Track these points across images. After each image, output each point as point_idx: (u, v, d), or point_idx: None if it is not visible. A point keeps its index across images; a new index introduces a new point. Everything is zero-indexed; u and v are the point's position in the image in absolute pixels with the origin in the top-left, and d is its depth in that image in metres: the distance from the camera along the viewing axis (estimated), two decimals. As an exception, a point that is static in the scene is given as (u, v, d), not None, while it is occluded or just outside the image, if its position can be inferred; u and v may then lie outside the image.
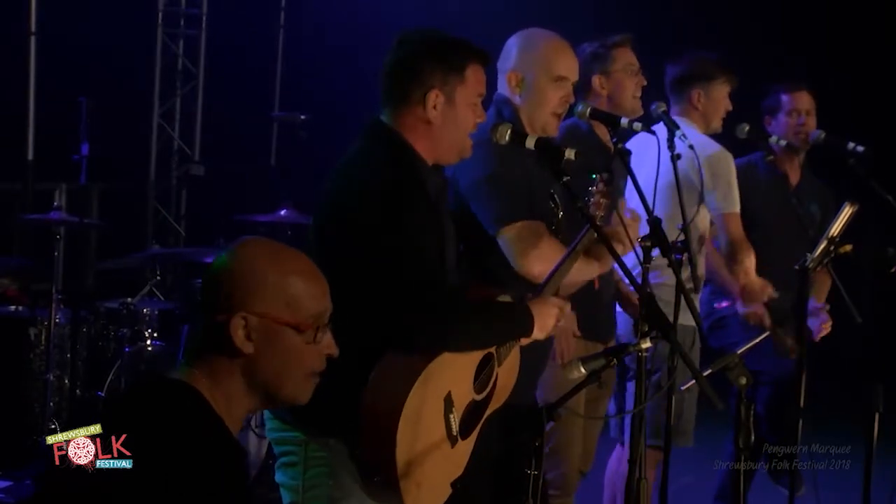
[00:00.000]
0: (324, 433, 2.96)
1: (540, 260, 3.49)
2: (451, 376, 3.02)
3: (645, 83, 4.42)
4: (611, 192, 3.46)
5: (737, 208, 4.79)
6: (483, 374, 3.15)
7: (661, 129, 4.19)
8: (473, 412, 3.13)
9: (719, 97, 4.86)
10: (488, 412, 3.21)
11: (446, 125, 3.10)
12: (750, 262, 4.83)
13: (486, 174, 3.56)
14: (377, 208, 2.95)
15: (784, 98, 5.24)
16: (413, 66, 3.09)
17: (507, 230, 3.55)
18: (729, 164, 4.76)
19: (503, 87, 3.80)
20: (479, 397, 3.15)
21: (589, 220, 3.24)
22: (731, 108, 4.90)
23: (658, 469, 4.08)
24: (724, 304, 4.64)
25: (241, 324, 2.14)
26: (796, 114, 5.21)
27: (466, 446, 3.12)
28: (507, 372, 3.26)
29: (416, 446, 2.91)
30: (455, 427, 3.05)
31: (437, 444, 2.98)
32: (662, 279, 4.42)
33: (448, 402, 3.01)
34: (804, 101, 5.24)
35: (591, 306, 4.14)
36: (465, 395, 3.09)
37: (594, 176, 3.45)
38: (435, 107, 3.07)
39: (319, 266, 2.28)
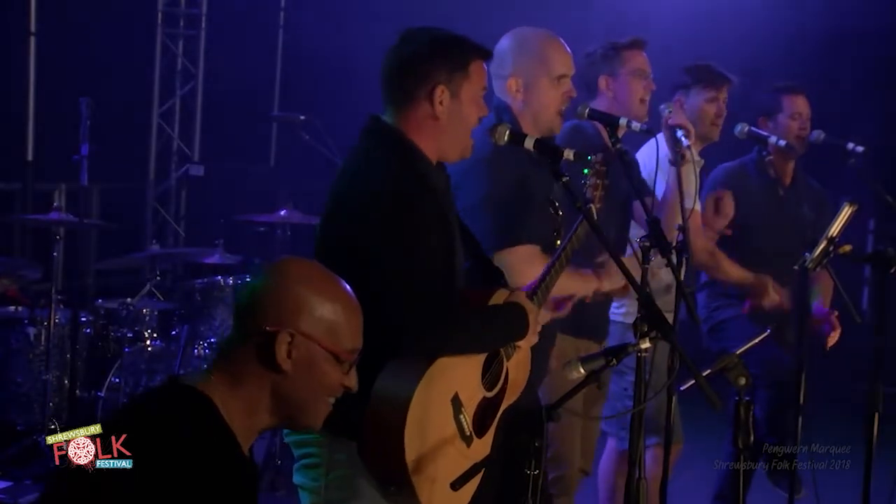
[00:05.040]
0: (344, 436, 2.93)
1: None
2: (456, 377, 3.01)
3: (654, 88, 4.39)
4: (608, 173, 3.43)
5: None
6: (491, 370, 3.14)
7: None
8: (487, 409, 3.13)
9: (699, 103, 4.80)
10: (503, 407, 3.20)
11: (452, 121, 3.10)
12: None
13: (480, 196, 3.54)
14: (381, 215, 2.93)
15: (785, 101, 5.20)
16: (418, 64, 3.08)
17: (501, 255, 3.54)
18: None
19: (501, 93, 3.78)
20: (490, 394, 3.14)
21: (585, 214, 3.19)
22: (723, 113, 4.85)
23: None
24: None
25: (286, 339, 2.17)
26: (798, 116, 5.17)
27: (484, 444, 3.11)
28: (517, 366, 3.24)
29: (427, 451, 2.90)
30: (468, 427, 3.04)
31: (450, 447, 2.97)
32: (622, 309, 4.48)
33: (456, 403, 3.00)
34: (804, 104, 5.22)
35: (584, 305, 4.13)
36: (474, 393, 3.08)
37: (590, 158, 3.41)
38: (441, 102, 3.07)
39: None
